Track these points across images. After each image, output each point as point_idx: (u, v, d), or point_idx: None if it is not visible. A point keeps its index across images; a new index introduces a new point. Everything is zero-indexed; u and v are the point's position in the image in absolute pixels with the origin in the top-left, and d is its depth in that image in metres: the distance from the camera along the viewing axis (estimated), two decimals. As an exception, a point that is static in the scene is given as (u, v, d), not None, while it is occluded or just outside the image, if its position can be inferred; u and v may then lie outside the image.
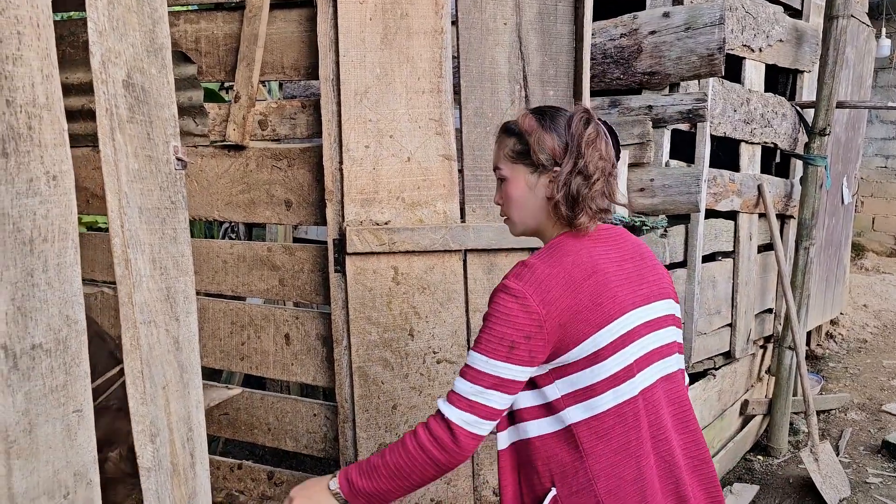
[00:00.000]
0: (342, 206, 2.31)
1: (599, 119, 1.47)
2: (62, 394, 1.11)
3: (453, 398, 1.33)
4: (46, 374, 1.08)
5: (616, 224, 1.60)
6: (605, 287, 1.34)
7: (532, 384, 1.37)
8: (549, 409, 1.35)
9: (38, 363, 1.07)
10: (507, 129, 1.49)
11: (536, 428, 1.37)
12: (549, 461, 1.36)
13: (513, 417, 1.41)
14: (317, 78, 2.32)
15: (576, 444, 1.33)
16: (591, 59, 2.95)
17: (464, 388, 1.32)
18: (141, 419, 1.24)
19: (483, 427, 1.32)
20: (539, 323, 1.29)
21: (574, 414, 1.33)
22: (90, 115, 2.51)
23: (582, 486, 1.33)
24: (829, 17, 3.62)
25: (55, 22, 2.76)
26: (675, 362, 1.46)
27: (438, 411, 1.34)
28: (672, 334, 1.47)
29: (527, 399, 1.38)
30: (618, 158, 1.49)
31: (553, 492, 1.36)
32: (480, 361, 1.31)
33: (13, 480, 1.03)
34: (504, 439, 1.43)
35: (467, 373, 1.33)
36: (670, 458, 1.39)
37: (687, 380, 1.49)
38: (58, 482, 1.10)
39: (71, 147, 1.16)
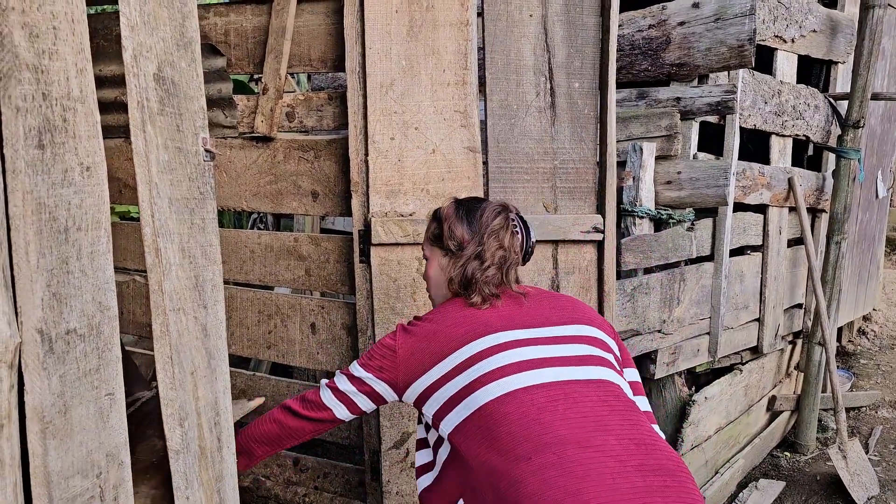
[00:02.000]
0: (367, 198, 2.34)
1: (518, 214, 1.67)
2: (95, 377, 1.15)
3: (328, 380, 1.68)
4: (80, 358, 1.12)
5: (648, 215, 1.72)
6: (455, 328, 1.53)
7: (427, 430, 1.61)
8: (439, 440, 1.53)
9: (73, 347, 1.11)
10: (434, 214, 1.74)
11: (440, 459, 1.53)
12: (455, 480, 1.47)
13: (430, 465, 1.60)
14: (343, 70, 2.34)
15: (461, 454, 1.42)
16: (619, 50, 2.93)
17: (336, 374, 1.67)
18: (170, 403, 1.28)
19: (327, 396, 1.64)
20: (391, 349, 1.59)
21: (446, 427, 1.46)
22: (122, 106, 2.56)
23: (473, 486, 1.38)
24: (865, 7, 3.54)
25: (89, 15, 2.83)
26: (586, 373, 1.46)
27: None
28: (579, 350, 1.51)
29: (430, 442, 1.60)
30: (529, 254, 1.71)
31: (461, 502, 1.45)
32: (353, 364, 1.64)
33: (49, 460, 1.07)
34: (422, 484, 1.62)
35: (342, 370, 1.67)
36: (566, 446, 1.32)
37: (621, 388, 1.49)
38: (91, 462, 1.14)
39: (104, 138, 1.20)
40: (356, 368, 1.63)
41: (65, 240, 1.11)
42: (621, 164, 2.82)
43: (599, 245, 2.46)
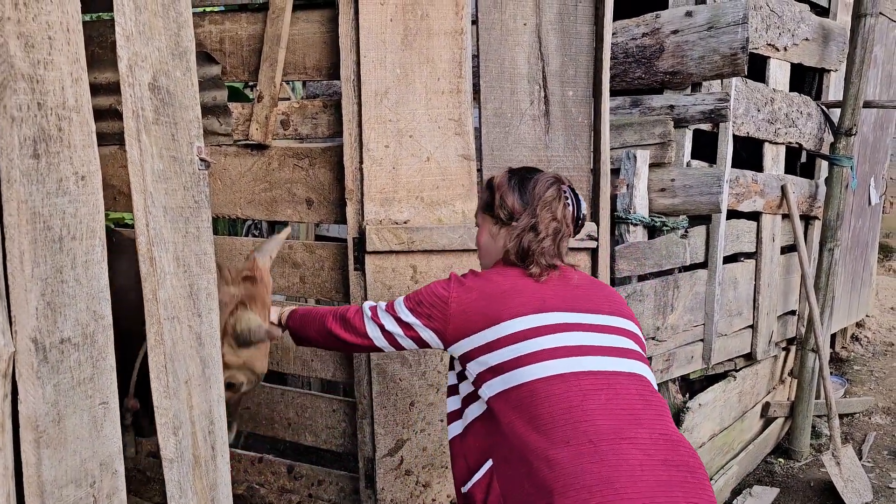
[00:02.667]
0: (362, 206, 2.34)
1: (570, 186, 1.69)
2: (89, 386, 1.15)
3: (371, 306, 1.74)
4: (74, 368, 1.13)
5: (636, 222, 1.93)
6: (513, 294, 1.55)
7: (455, 388, 1.64)
8: (474, 396, 1.56)
9: (67, 356, 1.11)
10: (487, 183, 1.75)
11: (470, 413, 1.58)
12: (484, 438, 1.52)
13: (457, 414, 1.64)
14: (338, 78, 2.35)
15: (497, 418, 1.47)
16: (613, 58, 2.94)
17: (380, 304, 1.72)
18: (164, 412, 1.28)
19: (369, 325, 1.69)
20: (444, 301, 1.59)
21: (487, 390, 1.50)
22: (118, 114, 2.56)
23: (504, 455, 1.44)
24: (857, 15, 3.57)
25: (84, 23, 2.83)
26: (628, 365, 1.51)
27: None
28: (622, 342, 1.55)
29: (454, 402, 1.64)
30: (580, 226, 1.72)
31: (489, 463, 1.49)
32: (398, 302, 1.68)
33: (42, 469, 1.07)
34: (452, 430, 1.65)
35: (388, 304, 1.71)
36: (603, 434, 1.37)
37: (653, 384, 1.56)
38: (85, 471, 1.14)
39: (99, 145, 1.20)
40: (403, 311, 1.65)
41: (59, 249, 1.11)
42: (615, 172, 2.83)
43: (593, 252, 2.47)
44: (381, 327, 1.67)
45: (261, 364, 1.82)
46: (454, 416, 1.65)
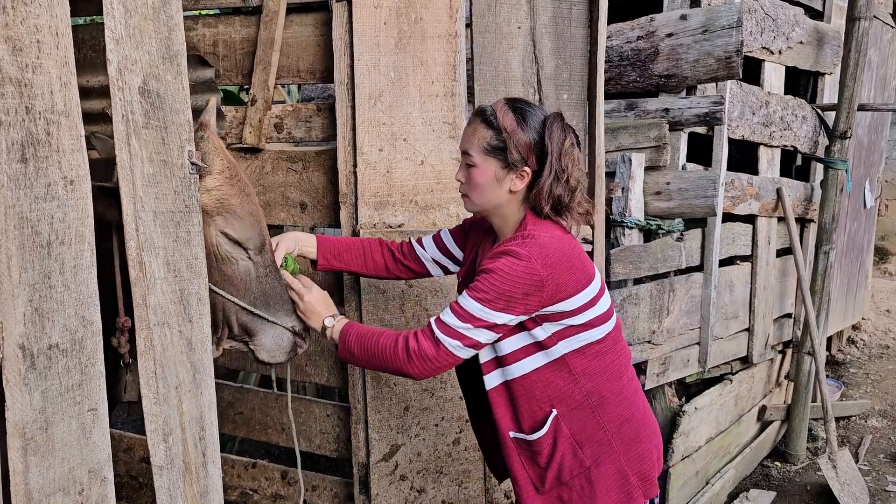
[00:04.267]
0: (356, 209, 2.33)
1: (568, 124, 1.65)
2: (78, 393, 1.14)
3: (443, 327, 1.55)
4: (63, 374, 1.11)
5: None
6: (582, 256, 1.62)
7: (521, 328, 1.59)
8: (540, 346, 1.59)
9: (55, 363, 1.10)
10: (487, 121, 1.60)
11: (532, 363, 1.60)
12: (547, 388, 1.60)
13: (500, 361, 1.62)
14: (332, 81, 2.34)
15: (569, 369, 1.59)
16: (608, 61, 2.94)
17: (455, 322, 1.54)
18: (154, 418, 1.27)
19: (463, 352, 1.55)
20: (540, 283, 1.50)
21: (564, 347, 1.59)
22: (110, 118, 2.55)
23: (579, 402, 1.60)
24: (852, 19, 3.57)
25: (76, 26, 2.82)
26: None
27: (430, 330, 1.56)
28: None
29: (517, 342, 1.60)
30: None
31: (554, 411, 1.60)
32: (476, 308, 1.52)
33: (30, 477, 1.06)
34: (493, 380, 1.64)
35: (460, 313, 1.54)
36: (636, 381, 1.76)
37: None
38: (73, 479, 1.13)
39: (91, 149, 1.19)
40: (495, 315, 1.51)
41: (47, 254, 1.10)
42: (610, 175, 2.82)
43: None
44: (475, 345, 1.55)
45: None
46: (492, 364, 1.63)
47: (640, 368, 3.00)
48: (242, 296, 1.65)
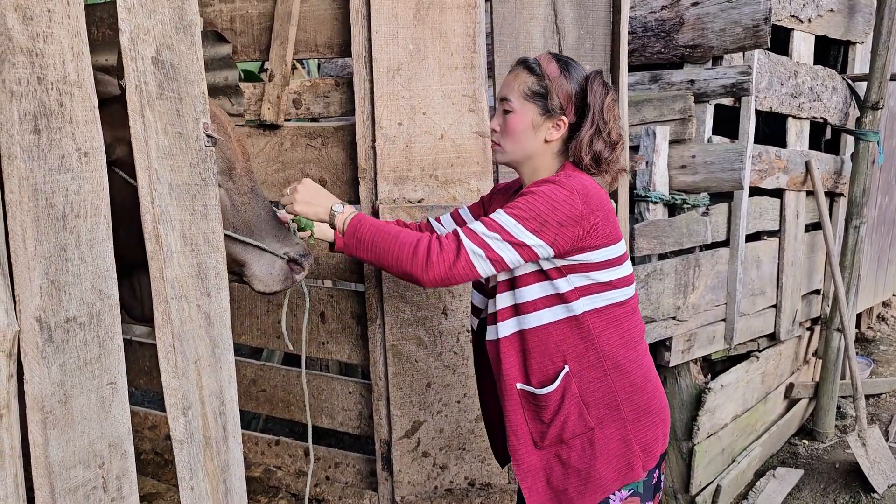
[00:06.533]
0: (375, 185, 2.31)
1: (607, 82, 1.62)
2: (96, 366, 1.13)
3: (469, 233, 1.49)
4: (80, 347, 1.11)
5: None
6: (614, 212, 1.59)
7: (544, 276, 1.55)
8: (562, 298, 1.55)
9: (73, 336, 1.09)
10: (529, 67, 1.60)
11: (550, 315, 1.56)
12: (562, 343, 1.56)
13: (518, 309, 1.58)
14: (350, 55, 2.31)
15: (587, 329, 1.56)
16: (631, 32, 2.87)
17: (482, 230, 1.48)
18: (173, 392, 1.26)
19: (482, 265, 1.48)
20: (577, 218, 1.47)
21: (585, 304, 1.55)
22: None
23: (592, 363, 1.57)
24: (885, -15, 3.44)
25: (96, 5, 2.81)
26: None
27: (455, 234, 1.50)
28: None
29: (539, 291, 1.56)
30: None
31: (566, 368, 1.57)
32: (508, 222, 1.47)
33: (49, 450, 1.06)
34: (507, 328, 1.60)
35: (489, 223, 1.49)
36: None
37: None
38: (93, 452, 1.13)
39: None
40: (525, 234, 1.46)
41: (63, 227, 1.09)
42: (634, 149, 2.76)
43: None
44: (497, 260, 1.48)
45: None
46: (509, 311, 1.59)
47: (665, 345, 2.96)
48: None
